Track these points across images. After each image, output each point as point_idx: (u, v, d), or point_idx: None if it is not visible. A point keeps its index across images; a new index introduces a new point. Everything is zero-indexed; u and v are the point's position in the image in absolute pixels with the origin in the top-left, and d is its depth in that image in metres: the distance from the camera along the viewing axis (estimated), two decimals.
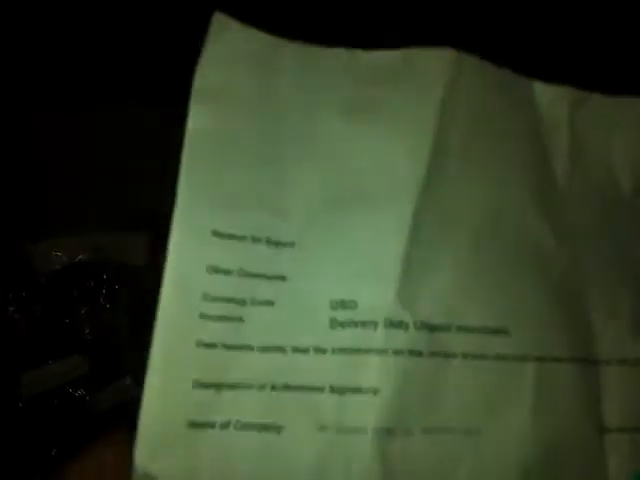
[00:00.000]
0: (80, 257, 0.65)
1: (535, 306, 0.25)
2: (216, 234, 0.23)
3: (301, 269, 0.23)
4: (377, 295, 0.23)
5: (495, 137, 0.25)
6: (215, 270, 0.23)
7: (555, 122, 0.27)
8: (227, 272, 0.23)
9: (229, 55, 0.24)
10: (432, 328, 0.23)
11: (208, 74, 0.24)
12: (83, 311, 0.60)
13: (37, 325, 0.59)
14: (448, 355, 0.23)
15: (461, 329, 0.23)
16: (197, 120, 0.23)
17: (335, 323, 0.23)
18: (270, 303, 0.23)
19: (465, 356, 0.24)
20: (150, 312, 0.63)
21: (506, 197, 0.25)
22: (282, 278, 0.23)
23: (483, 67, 0.25)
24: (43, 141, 0.83)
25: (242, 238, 0.24)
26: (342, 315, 0.23)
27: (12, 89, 0.85)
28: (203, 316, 0.22)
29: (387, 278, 0.23)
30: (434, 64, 0.25)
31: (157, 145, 0.86)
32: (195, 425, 0.21)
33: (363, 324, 0.23)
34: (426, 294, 0.24)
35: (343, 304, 0.23)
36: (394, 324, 0.23)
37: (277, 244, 0.23)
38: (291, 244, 0.23)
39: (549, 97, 0.27)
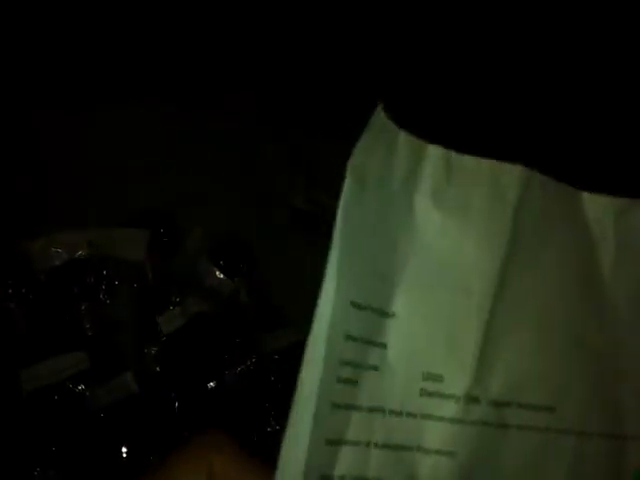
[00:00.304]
0: (79, 253, 0.65)
1: (577, 386, 0.29)
2: (353, 304, 0.27)
3: (399, 339, 0.27)
4: (459, 372, 0.27)
5: (553, 241, 0.30)
6: (349, 338, 0.26)
7: (602, 230, 0.30)
8: (355, 339, 0.26)
9: (379, 146, 0.28)
10: (498, 404, 0.27)
11: (361, 156, 0.27)
12: (83, 307, 0.60)
13: (37, 321, 0.58)
14: (507, 427, 0.28)
15: (520, 406, 0.28)
16: (349, 195, 0.26)
17: (424, 392, 0.27)
18: (375, 368, 0.26)
19: (519, 428, 0.28)
20: (150, 308, 0.63)
21: (562, 291, 0.29)
22: (384, 346, 0.27)
23: (545, 182, 0.30)
24: (42, 140, 0.83)
25: (366, 308, 0.27)
26: (431, 386, 0.27)
27: (12, 89, 0.85)
28: (339, 379, 0.26)
29: (467, 358, 0.27)
30: (509, 176, 0.29)
31: (157, 144, 0.86)
32: (323, 478, 0.25)
33: (447, 396, 0.27)
34: (496, 374, 0.28)
35: (432, 377, 0.27)
36: (471, 399, 0.27)
37: (383, 314, 0.27)
38: (392, 315, 0.27)
39: (596, 206, 0.30)
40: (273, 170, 0.85)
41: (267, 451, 0.22)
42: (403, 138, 0.30)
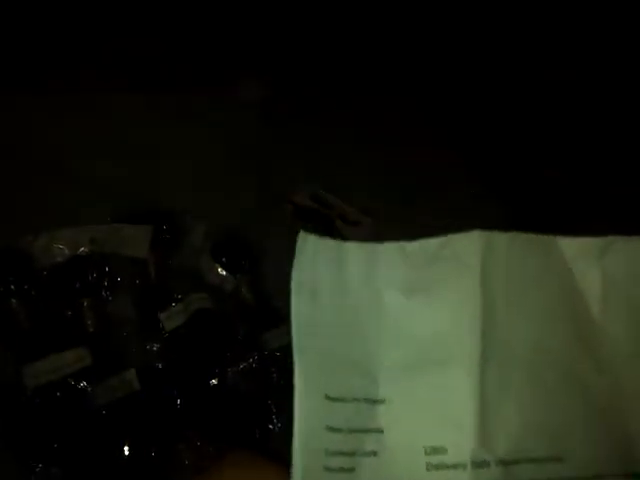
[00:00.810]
0: (82, 250, 0.64)
1: (583, 430, 0.29)
2: (327, 398, 0.28)
3: (395, 422, 0.28)
4: (461, 440, 0.28)
5: (533, 290, 0.30)
6: (331, 429, 0.28)
7: (585, 269, 0.30)
8: (339, 430, 0.28)
9: (311, 260, 0.31)
10: (507, 463, 0.28)
11: (300, 274, 0.30)
12: (85, 303, 0.60)
13: (39, 317, 0.58)
14: None
15: (529, 461, 0.28)
16: (300, 306, 0.29)
17: (430, 466, 0.28)
18: (374, 453, 0.28)
19: None
20: (152, 305, 0.63)
21: (551, 337, 0.30)
22: (380, 431, 0.28)
23: (510, 238, 0.31)
24: (41, 136, 0.82)
25: (346, 400, 0.29)
26: (435, 459, 0.28)
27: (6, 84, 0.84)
28: (327, 469, 0.27)
29: (466, 424, 0.28)
30: (467, 245, 0.30)
31: (158, 140, 0.86)
32: None
33: (454, 466, 0.28)
34: (500, 433, 0.28)
35: (435, 450, 0.28)
36: (479, 464, 0.27)
37: (373, 402, 0.28)
38: (382, 401, 0.28)
39: (575, 249, 0.30)
40: (275, 167, 0.85)
41: (269, 448, 0.23)
42: (347, 248, 0.32)
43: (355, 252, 0.32)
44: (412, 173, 0.89)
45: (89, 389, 0.54)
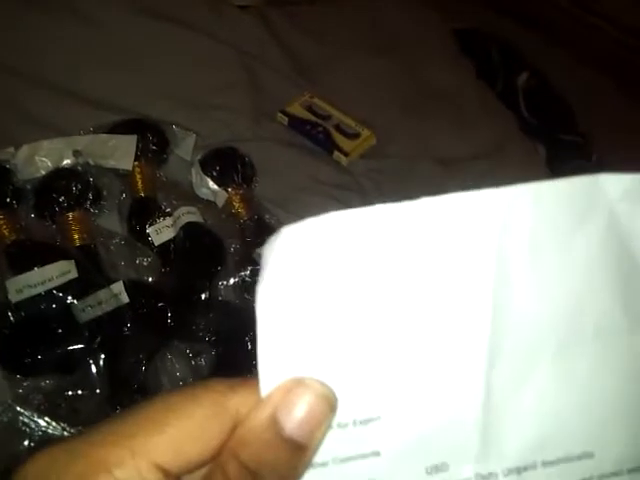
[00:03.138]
0: (65, 162, 0.62)
1: (618, 417, 0.25)
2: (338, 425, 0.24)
3: (391, 442, 0.25)
4: (463, 454, 0.25)
5: (564, 241, 0.25)
6: (312, 466, 0.24)
7: (634, 210, 0.25)
8: (324, 464, 0.23)
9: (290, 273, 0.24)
10: (519, 470, 0.25)
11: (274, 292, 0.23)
12: (70, 217, 0.58)
13: (23, 230, 0.56)
14: None
15: (546, 464, 0.25)
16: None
17: None
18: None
19: None
20: (141, 218, 0.61)
21: (589, 304, 0.25)
22: (377, 454, 0.25)
23: (540, 192, 0.25)
24: (22, 46, 0.78)
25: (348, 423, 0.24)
26: (438, 478, 0.25)
27: None
28: None
29: (468, 436, 0.25)
30: (485, 207, 0.24)
31: (148, 52, 0.81)
32: None
33: None
34: (509, 439, 0.25)
35: (436, 468, 0.25)
36: (485, 477, 0.25)
37: (364, 422, 0.24)
38: (378, 418, 0.24)
39: (622, 188, 0.25)
40: (270, 79, 0.80)
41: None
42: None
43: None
44: (415, 83, 0.85)
45: (76, 302, 0.52)
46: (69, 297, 0.52)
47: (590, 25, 1.08)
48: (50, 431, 0.38)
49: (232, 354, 0.54)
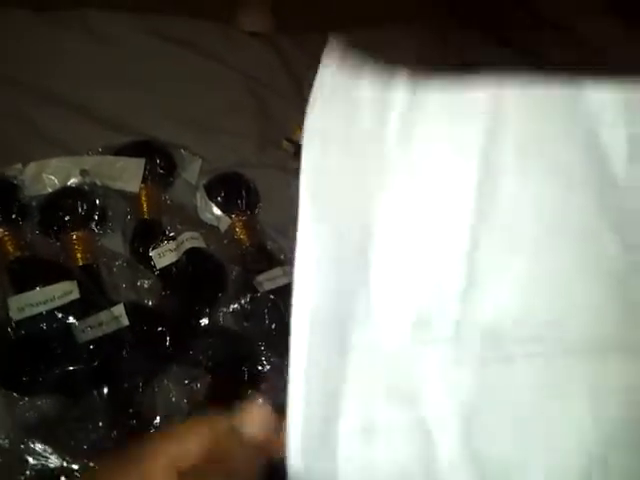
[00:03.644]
0: (72, 181, 0.62)
1: (589, 299, 0.26)
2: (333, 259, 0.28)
3: (385, 279, 0.27)
4: (446, 312, 0.26)
5: (549, 149, 0.27)
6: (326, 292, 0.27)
7: (610, 123, 0.26)
8: (331, 293, 0.26)
9: (337, 104, 0.29)
10: (494, 333, 0.26)
11: (318, 119, 0.28)
12: (74, 236, 0.58)
13: (27, 248, 0.57)
14: (511, 359, 0.26)
15: (518, 328, 0.26)
16: (308, 154, 0.29)
17: (416, 340, 0.26)
18: (363, 324, 0.26)
19: (526, 357, 0.26)
20: (144, 241, 0.61)
21: (568, 200, 0.26)
22: (368, 292, 0.27)
23: (525, 94, 0.27)
24: (33, 62, 0.78)
25: (347, 259, 0.27)
26: (421, 334, 0.26)
27: None
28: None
29: (453, 302, 0.26)
30: (475, 104, 0.27)
31: (158, 74, 0.82)
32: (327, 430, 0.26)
33: (440, 340, 0.26)
34: (487, 306, 0.26)
35: (420, 324, 0.26)
36: (462, 338, 0.26)
37: (365, 257, 0.27)
38: (371, 261, 0.27)
39: (601, 99, 0.26)
40: (276, 107, 0.81)
41: (257, 390, 0.22)
42: (364, 88, 0.28)
43: (368, 97, 0.29)
44: None
45: (76, 323, 0.53)
46: (70, 317, 0.52)
47: None
48: (50, 462, 0.38)
49: (228, 381, 0.55)
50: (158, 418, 0.49)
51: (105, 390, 0.51)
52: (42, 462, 0.37)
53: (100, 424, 0.49)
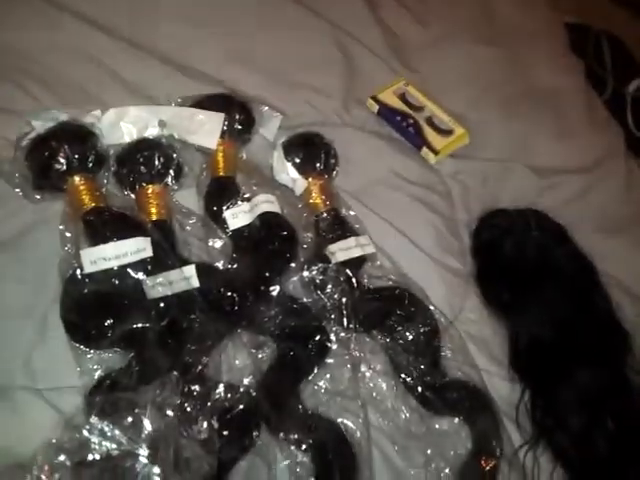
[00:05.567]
0: (150, 131, 0.61)
1: None
2: None
3: None
4: None
5: None
6: None
7: None
8: None
9: None
10: None
11: None
12: (150, 190, 0.57)
13: (102, 198, 0.56)
14: None
15: None
16: None
17: None
18: None
19: None
20: (218, 200, 0.59)
21: None
22: None
23: None
24: (106, 5, 0.75)
25: None
26: None
27: None
28: None
29: None
30: None
31: (240, 21, 0.78)
32: None
33: None
34: None
35: None
36: None
37: None
38: None
39: None
40: (367, 62, 0.76)
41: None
42: None
43: None
44: (518, 79, 0.79)
45: (148, 281, 0.52)
46: (141, 274, 0.52)
47: None
48: (115, 445, 0.37)
49: (293, 354, 0.53)
50: (222, 386, 0.48)
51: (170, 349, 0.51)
52: (105, 444, 0.36)
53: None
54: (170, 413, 0.41)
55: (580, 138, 0.74)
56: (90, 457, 0.35)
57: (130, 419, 0.38)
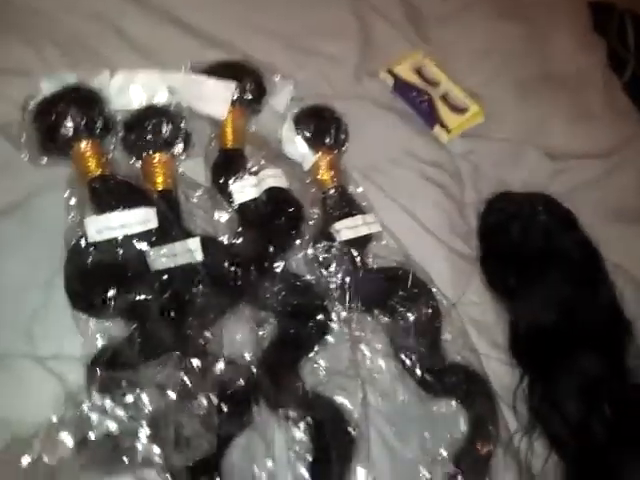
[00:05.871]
0: (159, 97, 0.59)
1: None
2: None
3: None
4: None
5: None
6: None
7: None
8: None
9: None
10: None
11: None
12: (157, 158, 0.56)
13: (108, 165, 0.55)
14: None
15: None
16: None
17: None
18: None
19: None
20: (225, 172, 0.58)
21: None
22: None
23: None
24: None
25: None
26: None
27: None
28: None
29: None
30: None
31: None
32: None
33: None
34: None
35: None
36: None
37: None
38: None
39: None
40: (383, 33, 0.74)
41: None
42: None
43: None
44: (536, 57, 0.77)
45: (150, 251, 0.52)
46: (146, 245, 0.52)
47: None
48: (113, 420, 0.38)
49: (294, 331, 0.53)
50: (222, 363, 0.48)
51: (172, 322, 0.51)
52: (106, 422, 0.36)
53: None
54: (171, 393, 0.41)
55: (598, 122, 0.72)
56: (91, 435, 0.35)
57: (131, 398, 0.38)
